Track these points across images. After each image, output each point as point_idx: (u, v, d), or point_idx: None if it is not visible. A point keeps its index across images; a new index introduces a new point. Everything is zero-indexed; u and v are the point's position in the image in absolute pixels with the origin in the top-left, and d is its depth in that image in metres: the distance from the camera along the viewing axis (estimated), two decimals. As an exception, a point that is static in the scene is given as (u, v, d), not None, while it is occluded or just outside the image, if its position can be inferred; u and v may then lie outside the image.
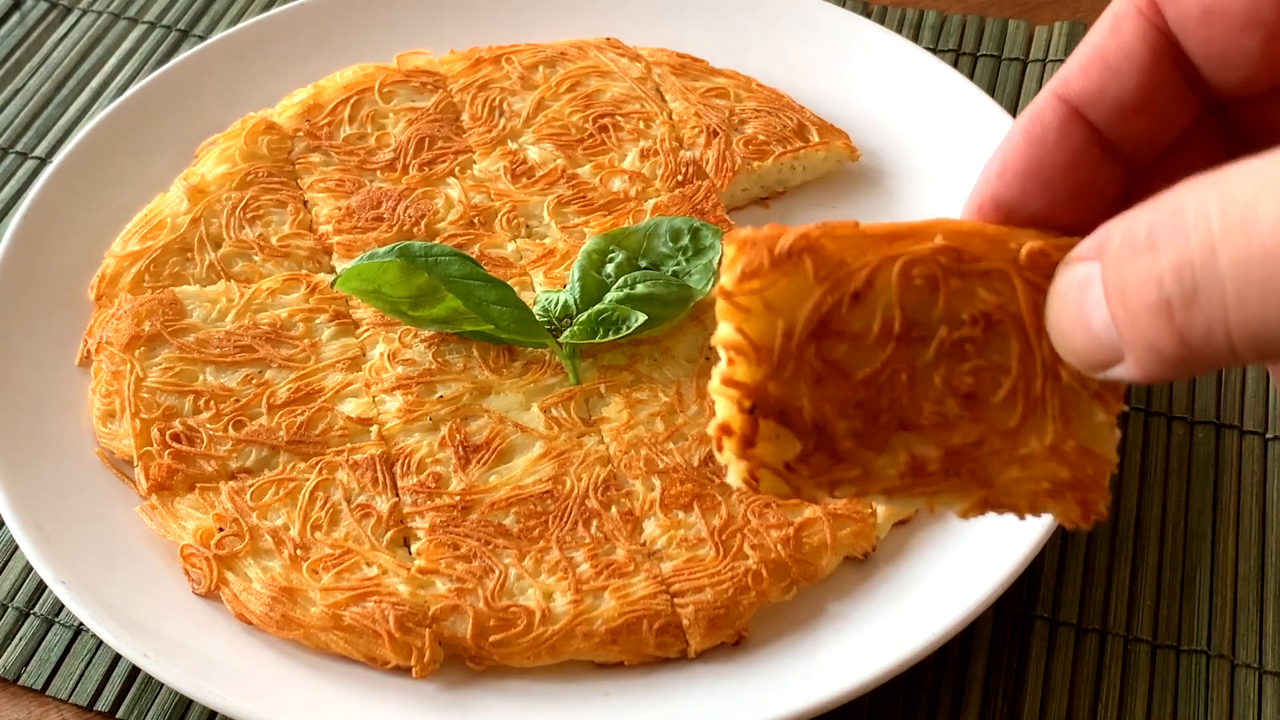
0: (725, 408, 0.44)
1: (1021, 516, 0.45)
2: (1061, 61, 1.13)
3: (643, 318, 0.86)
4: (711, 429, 0.45)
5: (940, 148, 1.00)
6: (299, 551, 0.80)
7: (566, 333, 0.87)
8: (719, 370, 0.44)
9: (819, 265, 0.43)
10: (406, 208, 0.96)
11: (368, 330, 0.90)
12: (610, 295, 0.88)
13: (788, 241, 0.43)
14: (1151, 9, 0.46)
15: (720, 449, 0.45)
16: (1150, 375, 0.40)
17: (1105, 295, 0.40)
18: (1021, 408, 0.44)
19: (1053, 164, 0.46)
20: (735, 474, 0.45)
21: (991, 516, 0.46)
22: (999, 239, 0.45)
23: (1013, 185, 0.46)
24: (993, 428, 0.44)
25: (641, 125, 1.01)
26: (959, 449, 0.44)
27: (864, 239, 0.44)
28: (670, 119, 1.01)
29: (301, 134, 1.00)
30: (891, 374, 0.44)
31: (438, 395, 0.86)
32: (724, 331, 0.44)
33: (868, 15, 1.16)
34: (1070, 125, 0.46)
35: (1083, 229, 0.44)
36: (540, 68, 1.04)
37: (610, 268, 0.90)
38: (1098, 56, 0.46)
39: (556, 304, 0.88)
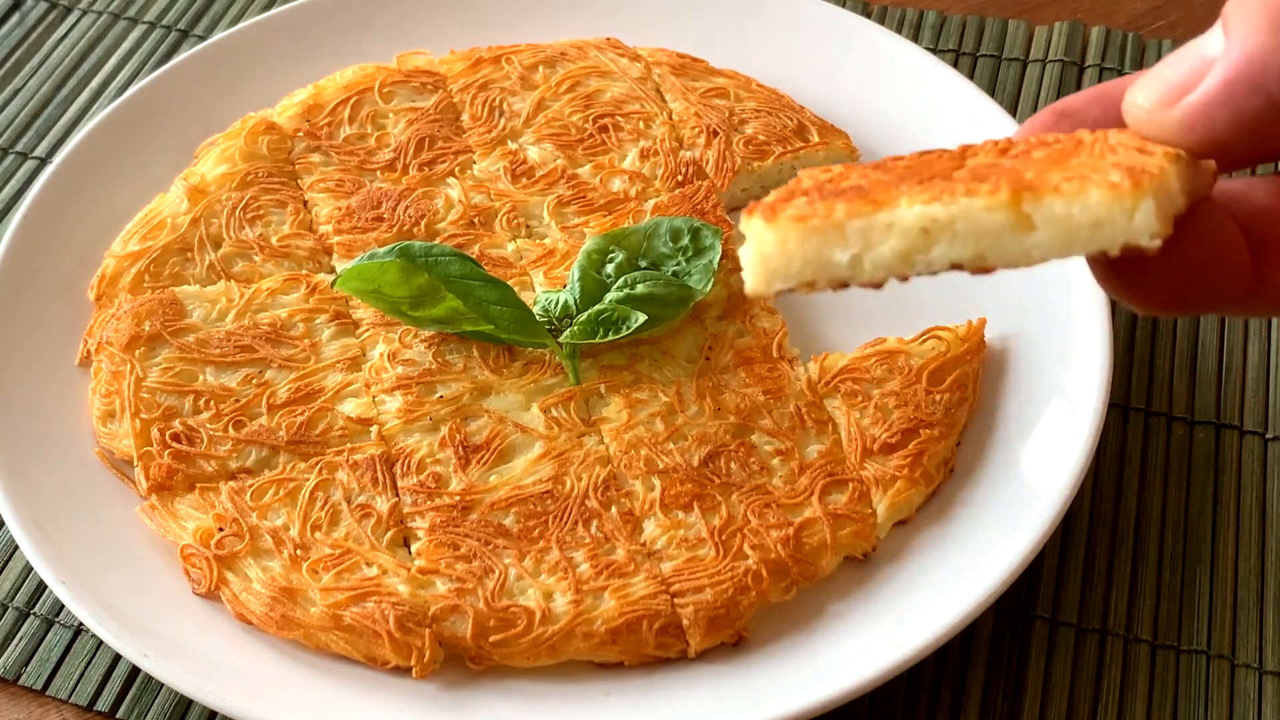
0: (771, 197, 0.46)
1: (1056, 191, 0.41)
2: (1061, 62, 1.13)
3: (643, 318, 0.86)
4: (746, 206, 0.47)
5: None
6: (299, 551, 0.80)
7: (566, 333, 0.87)
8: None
9: None
10: (406, 208, 0.96)
11: (368, 330, 0.90)
12: (610, 295, 0.88)
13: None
14: None
15: (750, 213, 0.45)
16: (1250, 46, 0.41)
17: (1225, 10, 0.42)
18: (1070, 149, 0.44)
19: (1122, 95, 0.48)
20: (759, 214, 0.45)
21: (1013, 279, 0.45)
22: None
23: (1080, 99, 0.49)
24: (1033, 163, 0.43)
25: (641, 125, 1.01)
26: (996, 168, 0.43)
27: None
28: (670, 119, 1.01)
29: (301, 134, 1.00)
30: (940, 161, 0.45)
31: (438, 395, 0.86)
32: (802, 173, 0.49)
33: (868, 15, 1.16)
34: None
35: None
36: (540, 68, 1.04)
37: (610, 268, 0.90)
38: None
39: (556, 304, 0.88)
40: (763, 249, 0.44)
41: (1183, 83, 0.43)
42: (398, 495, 0.83)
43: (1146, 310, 0.49)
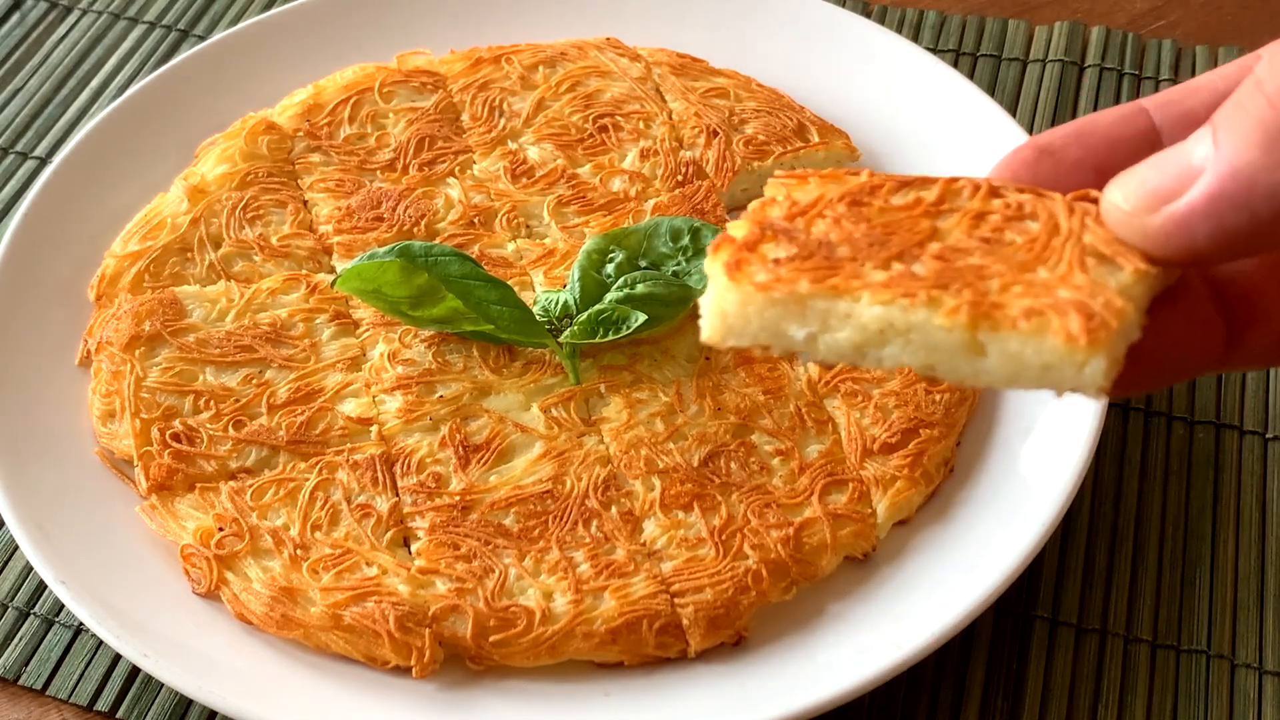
0: (739, 229, 0.45)
1: (1012, 329, 0.41)
2: (1061, 61, 1.13)
3: (643, 318, 0.86)
4: (714, 239, 0.46)
5: (940, 148, 1.00)
6: (299, 551, 0.80)
7: (566, 333, 0.87)
8: (754, 205, 0.46)
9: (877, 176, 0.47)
10: (406, 208, 0.96)
11: (368, 330, 0.90)
12: (610, 295, 0.88)
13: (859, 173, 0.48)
14: None
15: (715, 250, 0.45)
16: (1238, 162, 0.40)
17: (1214, 120, 0.41)
18: (1039, 250, 0.43)
19: (1102, 134, 0.48)
20: (720, 263, 0.44)
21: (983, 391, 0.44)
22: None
23: (1057, 137, 0.48)
24: (1004, 261, 0.43)
25: (641, 125, 1.01)
26: (961, 269, 0.43)
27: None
28: (670, 119, 1.01)
29: (301, 134, 1.00)
30: (913, 223, 0.44)
31: (438, 395, 0.86)
32: (773, 188, 0.47)
33: (868, 15, 1.16)
34: (1133, 115, 0.48)
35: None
36: (540, 68, 1.04)
37: (610, 268, 0.90)
38: (1193, 82, 0.48)
39: (556, 304, 0.88)
40: (723, 305, 0.45)
41: (1166, 189, 0.42)
42: (398, 495, 0.83)
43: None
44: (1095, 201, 0.46)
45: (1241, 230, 0.40)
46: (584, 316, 0.87)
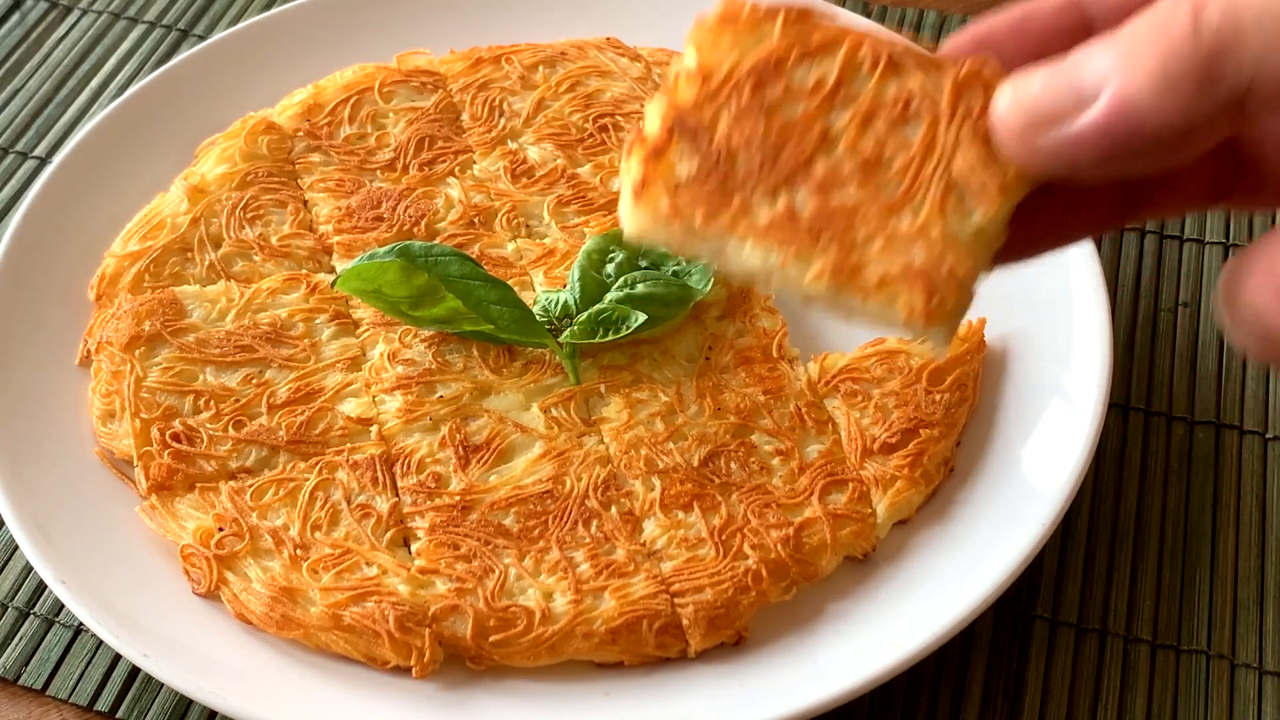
0: (653, 121, 0.48)
1: (865, 300, 0.45)
2: (1061, 61, 1.13)
3: (643, 318, 0.86)
4: (628, 139, 0.48)
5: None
6: (299, 551, 0.80)
7: (566, 333, 0.87)
8: (663, 90, 0.48)
9: (791, 29, 0.48)
10: (406, 208, 0.96)
11: (368, 330, 0.90)
12: (610, 295, 0.88)
13: (779, 4, 0.48)
14: None
15: (629, 154, 0.48)
16: (1131, 97, 0.39)
17: (1120, 37, 0.40)
18: (908, 184, 0.46)
19: (1038, 27, 0.48)
20: (629, 180, 0.47)
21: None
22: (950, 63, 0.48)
23: (998, 29, 0.48)
24: (875, 197, 0.46)
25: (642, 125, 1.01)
26: (836, 210, 0.46)
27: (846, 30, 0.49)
28: (670, 119, 1.01)
29: (301, 134, 1.00)
30: (807, 124, 0.47)
31: (438, 395, 0.87)
32: (686, 57, 0.48)
33: (868, 15, 1.16)
34: (1069, 6, 0.48)
35: None
36: (540, 68, 1.04)
37: (610, 268, 0.90)
38: None
39: (556, 304, 0.88)
40: (636, 218, 0.47)
41: (1055, 112, 0.41)
42: (398, 495, 0.83)
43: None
44: (988, 83, 0.46)
45: (1124, 163, 0.41)
46: (584, 316, 0.87)
